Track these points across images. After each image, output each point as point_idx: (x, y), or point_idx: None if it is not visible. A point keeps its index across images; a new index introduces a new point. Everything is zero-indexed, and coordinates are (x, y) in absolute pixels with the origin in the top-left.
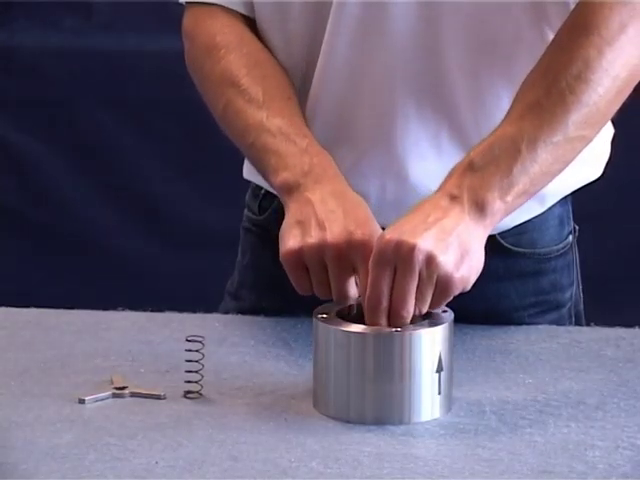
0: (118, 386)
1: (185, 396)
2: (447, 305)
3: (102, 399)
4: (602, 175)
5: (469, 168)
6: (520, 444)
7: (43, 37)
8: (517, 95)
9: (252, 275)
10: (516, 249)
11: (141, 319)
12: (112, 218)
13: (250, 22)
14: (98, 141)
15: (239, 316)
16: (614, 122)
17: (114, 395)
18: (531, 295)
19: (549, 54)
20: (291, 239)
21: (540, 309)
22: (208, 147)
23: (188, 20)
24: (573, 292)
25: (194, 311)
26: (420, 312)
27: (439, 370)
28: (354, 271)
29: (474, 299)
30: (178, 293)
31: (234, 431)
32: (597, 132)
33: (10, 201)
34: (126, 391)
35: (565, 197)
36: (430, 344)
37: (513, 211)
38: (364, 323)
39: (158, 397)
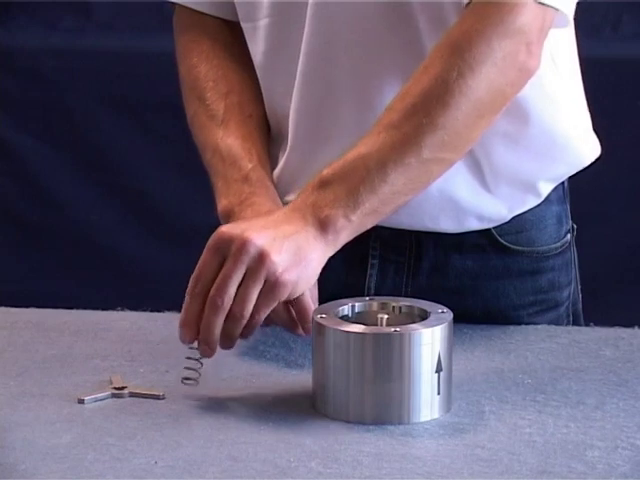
0: (117, 386)
1: (182, 381)
2: (446, 304)
3: (101, 399)
4: (599, 171)
5: (318, 185)
6: (519, 444)
7: (43, 37)
8: (382, 113)
9: None
10: (514, 247)
11: (140, 319)
12: (112, 218)
13: (234, 28)
14: (98, 141)
15: None
16: (614, 122)
17: (113, 395)
18: (530, 294)
19: (415, 74)
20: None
21: (539, 308)
22: None
23: (176, 20)
24: (571, 291)
25: None
26: (242, 314)
27: (438, 370)
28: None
29: (473, 297)
30: (178, 293)
31: (233, 431)
32: (460, 154)
33: (10, 201)
34: (125, 391)
35: (563, 195)
36: (429, 344)
37: (363, 229)
38: (364, 323)
39: (157, 397)
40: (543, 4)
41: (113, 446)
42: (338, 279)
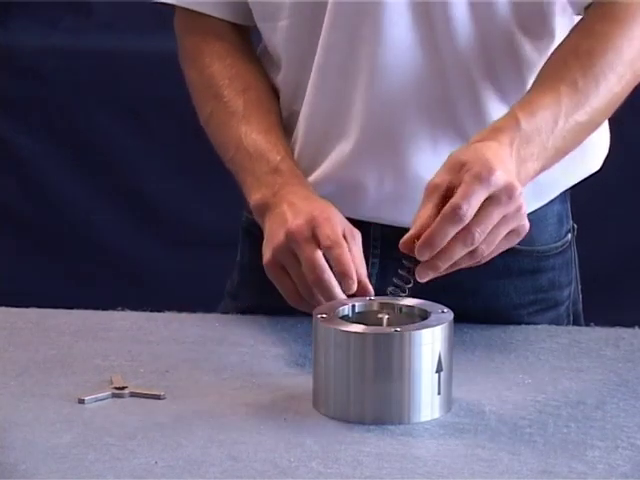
0: (118, 386)
1: (388, 292)
2: (446, 303)
3: (102, 399)
4: (600, 171)
5: (517, 128)
6: (520, 444)
7: (43, 37)
8: (546, 69)
9: (252, 275)
10: (515, 247)
11: (141, 319)
12: (112, 218)
13: (238, 28)
14: (98, 141)
15: (239, 316)
16: (614, 122)
17: (114, 395)
18: (530, 293)
19: (579, 38)
20: (266, 251)
21: (539, 307)
22: (208, 147)
23: (177, 22)
24: (572, 291)
25: (194, 311)
26: (484, 254)
27: (439, 370)
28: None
29: (473, 296)
30: (178, 293)
31: (234, 431)
32: (603, 122)
33: (10, 201)
34: (126, 391)
35: (564, 195)
36: (430, 344)
37: (529, 180)
38: (364, 323)
39: (157, 397)
40: None
41: (113, 446)
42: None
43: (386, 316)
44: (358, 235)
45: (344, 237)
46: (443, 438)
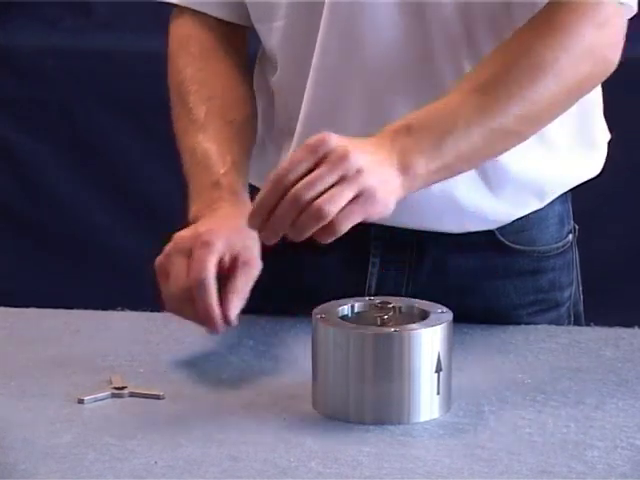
0: (117, 386)
1: None
2: (446, 303)
3: (101, 399)
4: (601, 174)
5: (405, 130)
6: (519, 444)
7: (43, 37)
8: (470, 72)
9: None
10: (516, 247)
11: (141, 319)
12: (112, 218)
13: (235, 29)
14: (98, 141)
15: (239, 316)
16: (614, 122)
17: (113, 395)
18: (530, 293)
19: (510, 42)
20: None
21: (539, 308)
22: None
23: (171, 21)
24: (572, 292)
25: None
26: (326, 211)
27: (438, 370)
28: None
29: (473, 297)
30: None
31: (233, 431)
32: (533, 132)
33: (10, 201)
34: (125, 391)
35: (565, 195)
36: (429, 344)
37: (430, 184)
38: (364, 323)
39: (157, 397)
40: (622, 4)
41: (113, 446)
42: (339, 278)
43: (385, 316)
44: (250, 266)
45: (232, 264)
46: (443, 438)
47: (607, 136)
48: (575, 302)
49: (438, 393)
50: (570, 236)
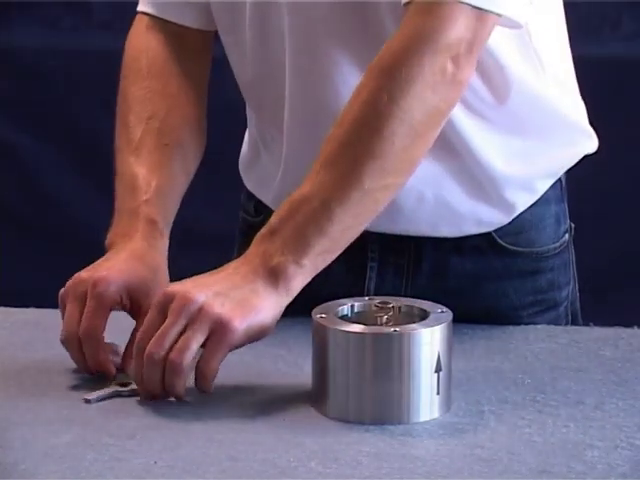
0: (121, 382)
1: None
2: (445, 305)
3: (106, 397)
4: (598, 171)
5: (268, 233)
6: (519, 444)
7: (43, 37)
8: (320, 149)
9: None
10: (514, 248)
11: None
12: (112, 218)
13: (189, 31)
14: (98, 141)
15: None
16: (613, 121)
17: (117, 393)
18: (529, 294)
19: (350, 99)
20: None
21: (538, 308)
22: (207, 147)
23: (129, 32)
24: (570, 290)
25: None
26: (180, 362)
27: (438, 370)
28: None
29: (473, 299)
30: None
31: (233, 431)
32: (406, 177)
33: (10, 201)
34: (129, 387)
35: (561, 195)
36: (429, 344)
37: (318, 270)
38: (363, 323)
39: None
40: (478, 8)
41: (113, 446)
42: (337, 281)
43: (385, 316)
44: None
45: (132, 307)
46: (442, 438)
47: (584, 114)
48: (573, 300)
49: (438, 393)
50: (567, 235)
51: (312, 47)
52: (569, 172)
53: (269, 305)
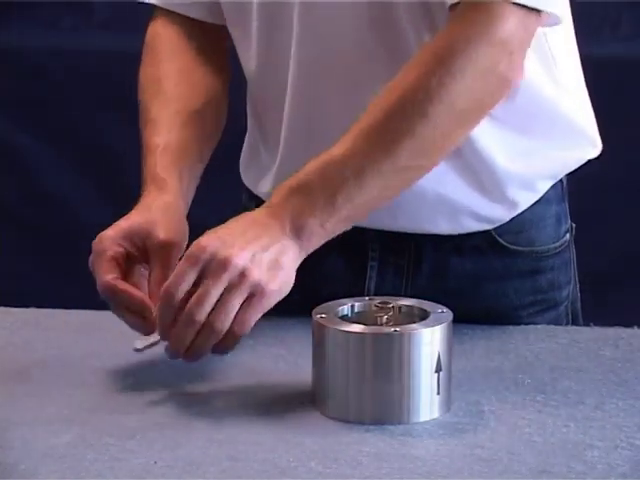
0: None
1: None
2: (445, 305)
3: (154, 344)
4: (598, 170)
5: (296, 189)
6: (519, 444)
7: (43, 37)
8: (360, 116)
9: None
10: (514, 248)
11: None
12: (112, 218)
13: (202, 24)
14: (98, 141)
15: None
16: (614, 121)
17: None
18: (529, 294)
19: (396, 78)
20: None
21: (539, 308)
22: None
23: (148, 29)
24: (570, 290)
25: None
26: (221, 327)
27: (438, 370)
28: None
29: (473, 299)
30: None
31: (233, 431)
32: (436, 162)
33: (10, 201)
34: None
35: (562, 195)
36: (429, 344)
37: (334, 235)
38: (364, 323)
39: None
40: (527, 7)
41: (112, 446)
42: (337, 281)
43: (386, 316)
44: (167, 245)
45: (146, 256)
46: (442, 438)
47: (592, 120)
48: (573, 300)
49: (438, 393)
50: (567, 235)
51: (318, 41)
52: (570, 172)
53: (293, 263)
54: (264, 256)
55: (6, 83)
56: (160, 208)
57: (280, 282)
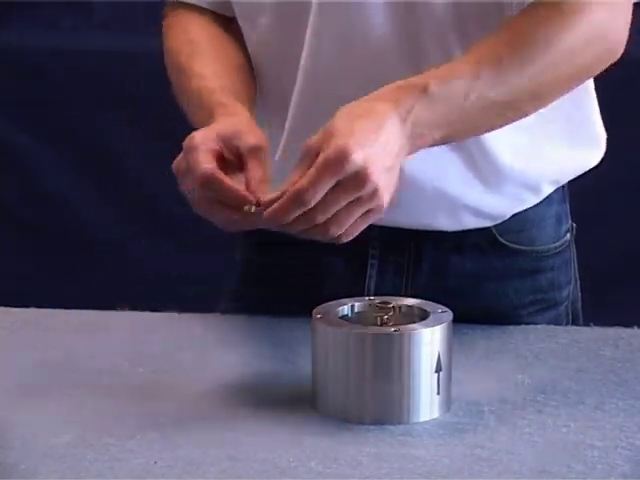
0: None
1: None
2: (445, 304)
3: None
4: (599, 170)
5: (424, 93)
6: (519, 444)
7: (43, 37)
8: (477, 45)
9: (252, 275)
10: (514, 247)
11: (140, 319)
12: (111, 218)
13: (221, 17)
14: (98, 141)
15: (239, 316)
16: (614, 121)
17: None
18: (529, 293)
19: (519, 19)
20: None
21: (538, 307)
22: None
23: (164, 23)
24: (570, 290)
25: (194, 311)
26: (336, 234)
27: (438, 370)
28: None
29: (473, 298)
30: (178, 293)
31: (233, 431)
32: (535, 109)
33: (10, 201)
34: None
35: (563, 195)
36: (429, 344)
37: (422, 148)
38: (364, 323)
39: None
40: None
41: (113, 446)
42: (338, 280)
43: (385, 316)
44: (259, 148)
45: (238, 158)
46: (442, 438)
47: (602, 128)
48: (574, 300)
49: (438, 393)
50: (568, 235)
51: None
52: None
53: (399, 166)
54: (394, 174)
55: (6, 83)
56: (242, 120)
57: (389, 198)
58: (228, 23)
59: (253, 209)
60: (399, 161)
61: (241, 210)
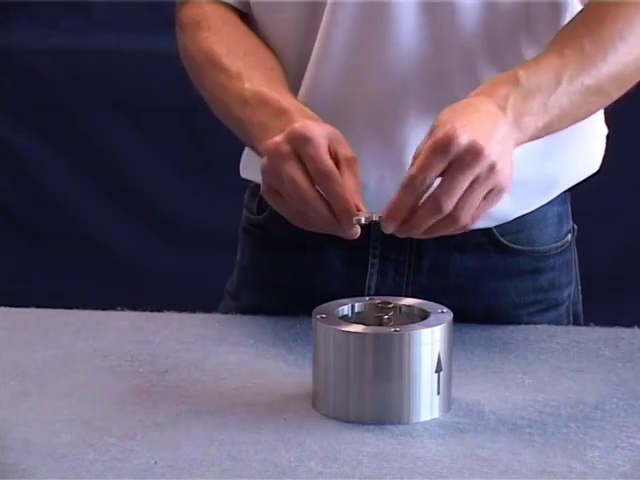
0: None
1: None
2: (446, 303)
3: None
4: (600, 172)
5: (516, 83)
6: (519, 444)
7: (43, 37)
8: (555, 37)
9: (252, 275)
10: (515, 247)
11: (140, 319)
12: (112, 218)
13: (239, 14)
14: (98, 141)
15: (239, 316)
16: (614, 122)
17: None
18: (530, 293)
19: (590, 9)
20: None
21: (539, 307)
22: (208, 147)
23: (180, 14)
24: (571, 291)
25: (194, 311)
26: (464, 220)
27: (438, 370)
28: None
29: (473, 297)
30: (178, 293)
31: (233, 431)
32: (618, 94)
33: (10, 201)
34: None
35: (564, 196)
36: (429, 344)
37: (532, 140)
38: (364, 323)
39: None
40: None
41: (113, 446)
42: (338, 278)
43: (385, 316)
44: (355, 160)
45: (335, 161)
46: (443, 438)
47: (603, 130)
48: (574, 301)
49: (438, 393)
50: (569, 236)
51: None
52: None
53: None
54: (508, 153)
55: (6, 83)
56: (333, 128)
57: (510, 179)
58: (247, 19)
59: (363, 220)
60: (509, 146)
61: (341, 215)
